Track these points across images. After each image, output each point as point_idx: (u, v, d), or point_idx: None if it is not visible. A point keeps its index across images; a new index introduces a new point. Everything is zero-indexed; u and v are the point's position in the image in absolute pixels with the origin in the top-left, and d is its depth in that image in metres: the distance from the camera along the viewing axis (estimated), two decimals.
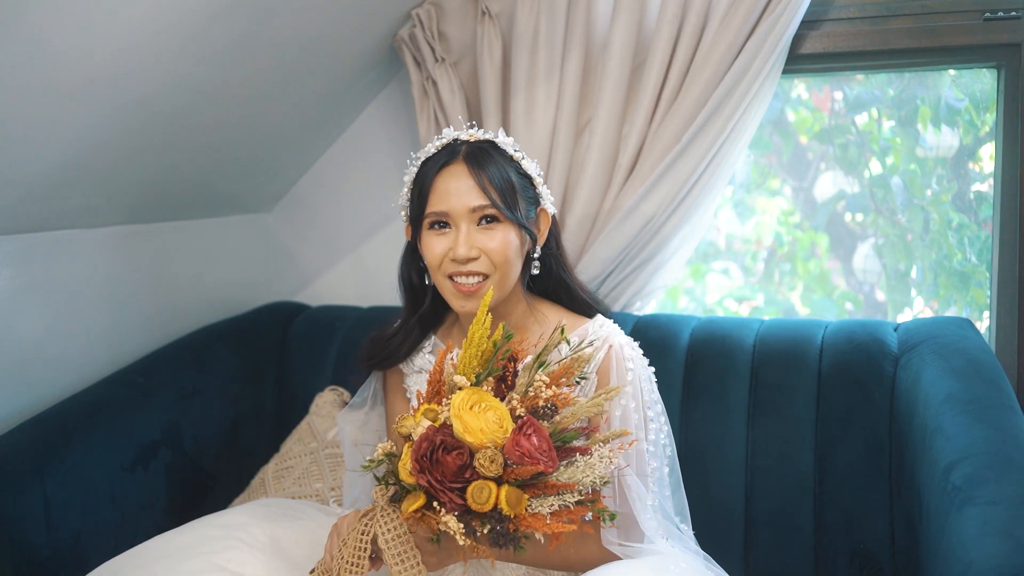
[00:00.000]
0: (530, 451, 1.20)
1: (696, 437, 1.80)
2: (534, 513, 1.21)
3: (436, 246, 1.45)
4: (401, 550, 1.26)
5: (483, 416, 1.23)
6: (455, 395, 1.26)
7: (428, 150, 1.50)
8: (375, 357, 1.61)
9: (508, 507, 1.19)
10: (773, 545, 1.74)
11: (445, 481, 1.20)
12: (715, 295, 2.48)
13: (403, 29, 2.09)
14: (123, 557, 1.42)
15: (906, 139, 2.20)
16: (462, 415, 1.23)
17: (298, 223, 2.45)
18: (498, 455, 1.20)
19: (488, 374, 1.30)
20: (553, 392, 1.28)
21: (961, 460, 1.35)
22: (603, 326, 1.51)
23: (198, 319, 2.17)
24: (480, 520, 1.20)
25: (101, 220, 1.88)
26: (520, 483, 1.22)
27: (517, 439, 1.21)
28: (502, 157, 1.48)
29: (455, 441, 1.22)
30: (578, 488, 1.23)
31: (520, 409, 1.26)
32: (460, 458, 1.21)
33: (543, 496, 1.22)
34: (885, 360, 1.72)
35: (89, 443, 1.71)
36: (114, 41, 1.45)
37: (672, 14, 1.86)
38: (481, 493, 1.19)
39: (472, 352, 1.31)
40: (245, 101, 1.89)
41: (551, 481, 1.23)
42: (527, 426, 1.23)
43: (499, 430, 1.23)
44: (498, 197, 1.43)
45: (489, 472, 1.20)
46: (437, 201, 1.44)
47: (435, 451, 1.21)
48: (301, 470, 1.91)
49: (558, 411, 1.28)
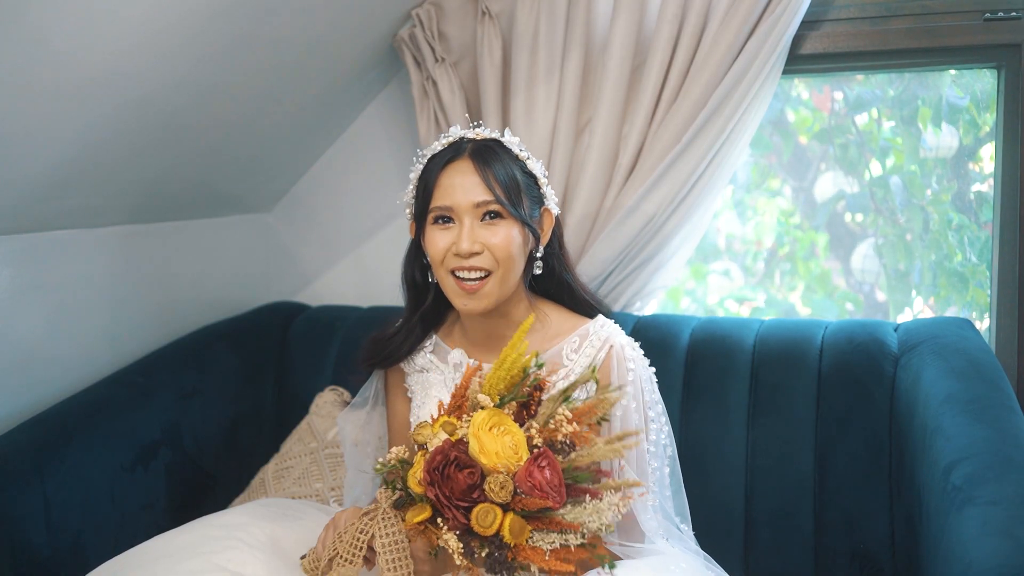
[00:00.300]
0: (542, 484, 1.20)
1: (696, 437, 1.80)
2: (534, 546, 1.21)
3: (439, 240, 1.45)
4: (396, 557, 1.26)
5: (500, 440, 1.23)
6: (476, 414, 1.25)
7: (434, 147, 1.50)
8: (376, 356, 1.61)
9: (510, 536, 1.19)
10: (773, 545, 1.74)
11: (453, 498, 1.20)
12: (716, 296, 2.48)
13: (403, 29, 2.09)
14: (123, 557, 1.42)
15: (906, 139, 2.20)
16: (480, 435, 1.22)
17: (298, 223, 2.45)
18: (509, 482, 1.20)
19: (512, 398, 1.29)
20: (574, 429, 1.26)
21: (961, 460, 1.35)
22: (604, 326, 1.51)
23: (198, 319, 2.17)
24: (480, 543, 1.20)
25: (101, 220, 1.88)
26: (526, 514, 1.21)
27: (531, 470, 1.20)
28: (507, 155, 1.48)
29: (468, 459, 1.22)
30: (582, 531, 1.22)
31: (538, 439, 1.25)
32: (471, 477, 1.20)
33: (546, 531, 1.21)
34: (885, 360, 1.72)
35: (89, 443, 1.71)
36: (114, 41, 1.45)
37: (672, 14, 1.86)
38: (486, 517, 1.19)
39: (501, 375, 1.30)
40: (245, 101, 1.89)
41: (556, 518, 1.22)
42: (542, 458, 1.22)
43: (513, 456, 1.22)
44: (502, 193, 1.43)
45: (497, 497, 1.19)
46: (442, 196, 1.44)
47: (448, 466, 1.21)
48: (301, 470, 1.91)
49: (575, 448, 1.27)
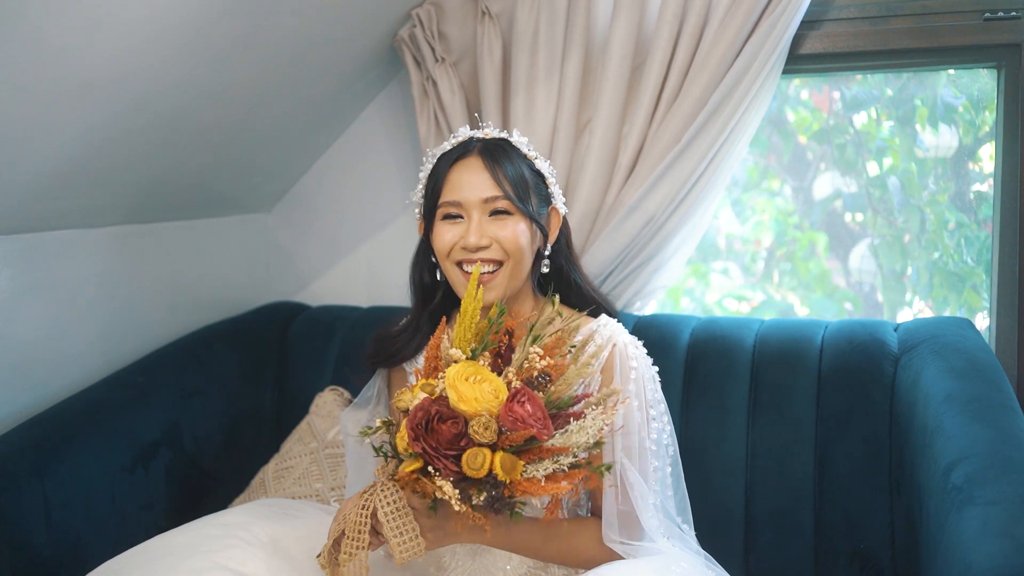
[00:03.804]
0: (523, 416, 1.22)
1: (696, 437, 1.80)
2: (529, 478, 1.23)
3: (447, 234, 1.46)
4: (400, 523, 1.27)
5: (478, 387, 1.25)
6: (450, 367, 1.27)
7: (444, 146, 1.52)
8: (381, 354, 1.62)
9: (503, 472, 1.21)
10: (773, 545, 1.74)
11: (440, 448, 1.22)
12: (715, 295, 2.48)
13: (403, 29, 2.09)
14: (123, 557, 1.42)
15: (905, 139, 2.20)
16: (456, 385, 1.25)
17: (298, 223, 2.45)
18: (492, 422, 1.22)
19: (484, 348, 1.32)
20: (548, 363, 1.30)
21: (961, 460, 1.35)
22: (607, 325, 1.52)
23: (198, 319, 2.17)
24: (476, 487, 1.22)
25: (101, 220, 1.88)
26: (514, 449, 1.23)
27: (511, 406, 1.23)
28: (516, 153, 1.50)
29: (450, 412, 1.24)
30: (572, 450, 1.25)
31: (516, 381, 1.28)
32: (455, 427, 1.23)
33: (538, 461, 1.24)
34: (885, 360, 1.72)
35: (89, 443, 1.71)
36: (114, 42, 1.45)
37: (672, 14, 1.86)
38: (475, 459, 1.21)
39: (466, 325, 1.32)
40: (245, 101, 1.89)
41: (545, 446, 1.25)
42: (520, 394, 1.25)
43: (494, 400, 1.24)
44: (511, 189, 1.45)
45: (483, 438, 1.22)
46: (450, 192, 1.46)
47: (430, 420, 1.23)
48: (301, 470, 1.91)
49: (552, 380, 1.30)
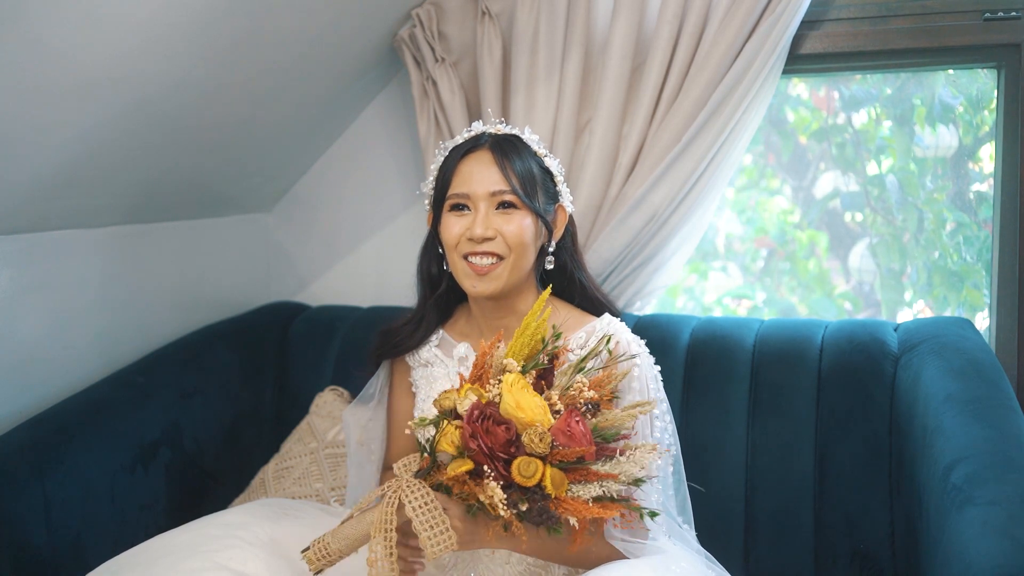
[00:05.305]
0: (579, 435, 1.23)
1: (696, 437, 1.80)
2: (575, 497, 1.24)
3: (454, 226, 1.49)
4: (430, 516, 1.24)
5: (533, 398, 1.26)
6: (506, 375, 1.28)
7: (456, 140, 1.55)
8: (386, 345, 1.64)
9: (551, 486, 1.22)
10: (773, 545, 1.74)
11: (495, 449, 1.22)
12: (714, 294, 2.48)
13: (403, 29, 2.09)
14: (123, 557, 1.42)
15: (904, 139, 2.20)
16: (514, 392, 1.26)
17: (298, 223, 2.45)
18: (547, 434, 1.23)
19: (534, 366, 1.33)
20: (594, 394, 1.31)
21: (961, 460, 1.35)
22: (609, 324, 1.52)
23: (198, 319, 2.17)
24: (521, 495, 1.23)
25: (101, 220, 1.88)
26: (563, 465, 1.24)
27: (568, 421, 1.24)
28: (526, 150, 1.52)
29: (501, 418, 1.25)
30: (620, 478, 1.26)
31: (559, 404, 1.29)
32: (508, 432, 1.24)
33: (583, 483, 1.25)
34: (885, 360, 1.72)
35: (89, 443, 1.71)
36: (114, 42, 1.45)
37: (672, 14, 1.86)
38: (528, 467, 1.22)
39: (525, 340, 1.34)
40: (245, 101, 1.89)
41: (592, 469, 1.26)
42: (575, 413, 1.26)
43: (544, 415, 1.26)
44: (518, 184, 1.47)
45: (537, 448, 1.22)
46: (459, 183, 1.49)
47: (485, 420, 1.24)
48: (301, 470, 1.91)
49: (600, 410, 1.31)
